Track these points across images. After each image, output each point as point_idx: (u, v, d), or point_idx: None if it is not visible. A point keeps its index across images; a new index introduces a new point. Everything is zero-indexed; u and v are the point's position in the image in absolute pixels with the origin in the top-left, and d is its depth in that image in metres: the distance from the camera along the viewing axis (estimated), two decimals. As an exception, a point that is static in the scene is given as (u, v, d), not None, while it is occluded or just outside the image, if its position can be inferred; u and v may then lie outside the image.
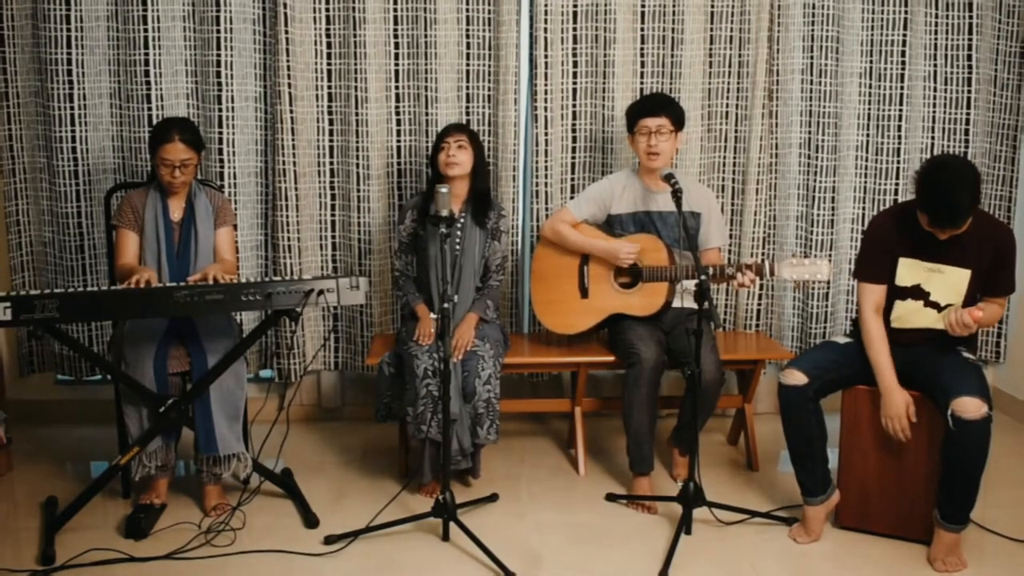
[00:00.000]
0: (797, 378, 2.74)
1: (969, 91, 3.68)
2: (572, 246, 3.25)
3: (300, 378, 3.73)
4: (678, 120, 3.18)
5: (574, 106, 3.65)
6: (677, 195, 2.87)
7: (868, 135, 3.74)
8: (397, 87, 3.60)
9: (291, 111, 3.50)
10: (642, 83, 3.63)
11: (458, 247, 2.67)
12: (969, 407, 2.50)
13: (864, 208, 3.78)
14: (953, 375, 2.59)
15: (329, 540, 2.75)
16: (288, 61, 3.46)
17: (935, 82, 3.71)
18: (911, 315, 2.73)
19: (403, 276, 3.26)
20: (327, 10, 3.54)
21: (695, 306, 2.71)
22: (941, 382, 2.60)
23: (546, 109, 3.58)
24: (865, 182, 3.77)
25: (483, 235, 3.19)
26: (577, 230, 3.26)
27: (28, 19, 3.42)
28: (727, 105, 3.67)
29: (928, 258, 2.68)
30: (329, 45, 3.57)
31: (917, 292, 2.71)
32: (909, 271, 2.72)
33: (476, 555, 2.66)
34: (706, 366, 2.94)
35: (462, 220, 3.16)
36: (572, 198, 3.52)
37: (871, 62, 3.69)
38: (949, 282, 2.67)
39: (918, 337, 2.73)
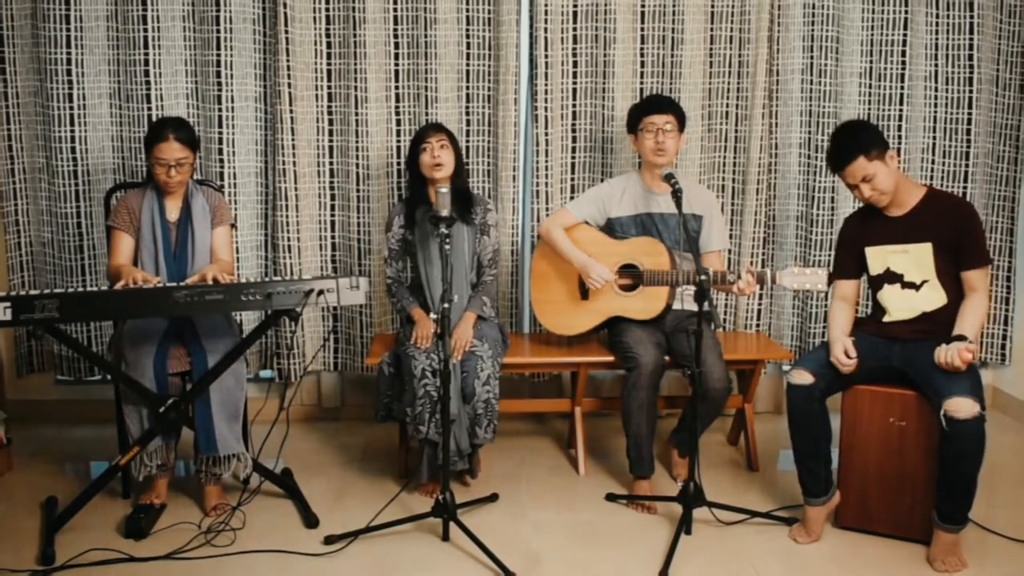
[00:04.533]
0: (804, 378, 2.74)
1: (970, 91, 3.67)
2: (557, 250, 3.25)
3: (300, 378, 3.73)
4: (682, 120, 3.19)
5: (574, 106, 3.65)
6: (677, 195, 2.87)
7: (868, 135, 3.74)
8: (397, 87, 3.60)
9: (291, 111, 3.50)
10: (642, 83, 3.63)
11: (448, 247, 2.67)
12: (961, 407, 2.50)
13: (864, 208, 3.77)
14: (946, 375, 2.59)
15: (329, 540, 2.75)
16: (288, 61, 3.46)
17: (936, 82, 3.70)
18: (897, 303, 2.77)
19: (395, 283, 3.25)
20: (327, 10, 3.54)
21: (695, 308, 2.71)
22: (934, 383, 2.61)
23: (546, 109, 3.58)
24: (865, 182, 3.76)
25: (471, 232, 3.19)
26: (576, 231, 3.26)
27: (28, 19, 3.42)
28: (727, 105, 3.66)
29: (890, 241, 2.77)
30: (329, 45, 3.57)
31: (891, 276, 2.78)
32: (876, 258, 2.80)
33: (476, 555, 2.66)
34: (715, 373, 2.96)
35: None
36: (572, 198, 3.52)
37: (871, 62, 3.68)
38: (914, 259, 2.74)
39: (914, 329, 2.74)
